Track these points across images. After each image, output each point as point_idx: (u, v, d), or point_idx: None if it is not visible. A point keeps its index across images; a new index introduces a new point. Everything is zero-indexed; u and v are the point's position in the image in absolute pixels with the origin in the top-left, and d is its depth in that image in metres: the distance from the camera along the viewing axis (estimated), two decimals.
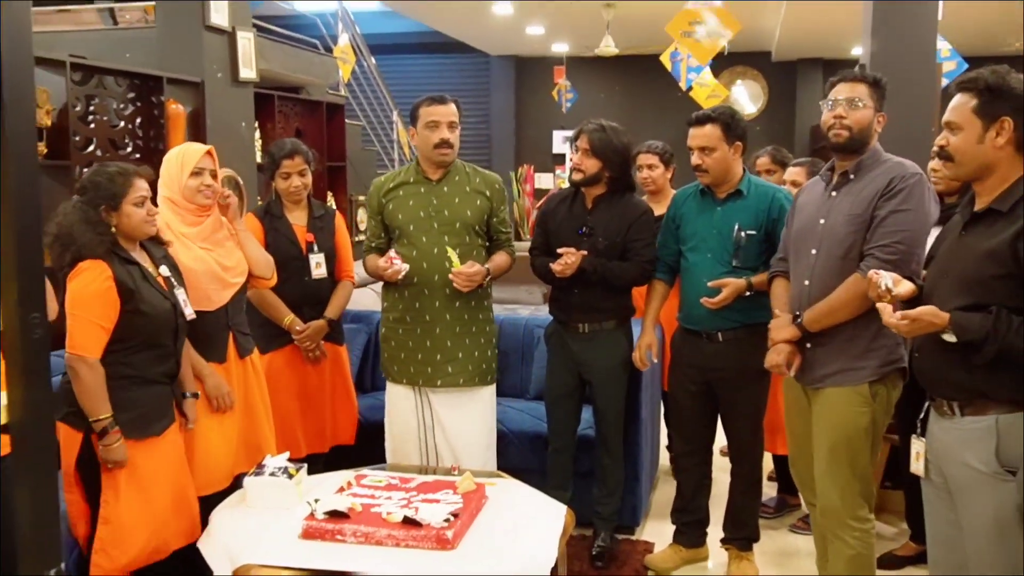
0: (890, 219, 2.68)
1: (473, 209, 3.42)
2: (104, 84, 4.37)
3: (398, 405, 3.52)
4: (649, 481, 4.26)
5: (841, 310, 2.76)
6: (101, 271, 2.68)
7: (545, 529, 2.72)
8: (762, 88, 12.95)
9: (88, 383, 2.65)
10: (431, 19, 10.70)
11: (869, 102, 2.77)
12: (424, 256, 3.36)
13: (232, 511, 2.86)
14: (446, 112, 3.37)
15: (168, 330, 2.82)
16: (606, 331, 3.54)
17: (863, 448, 2.77)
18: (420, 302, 3.39)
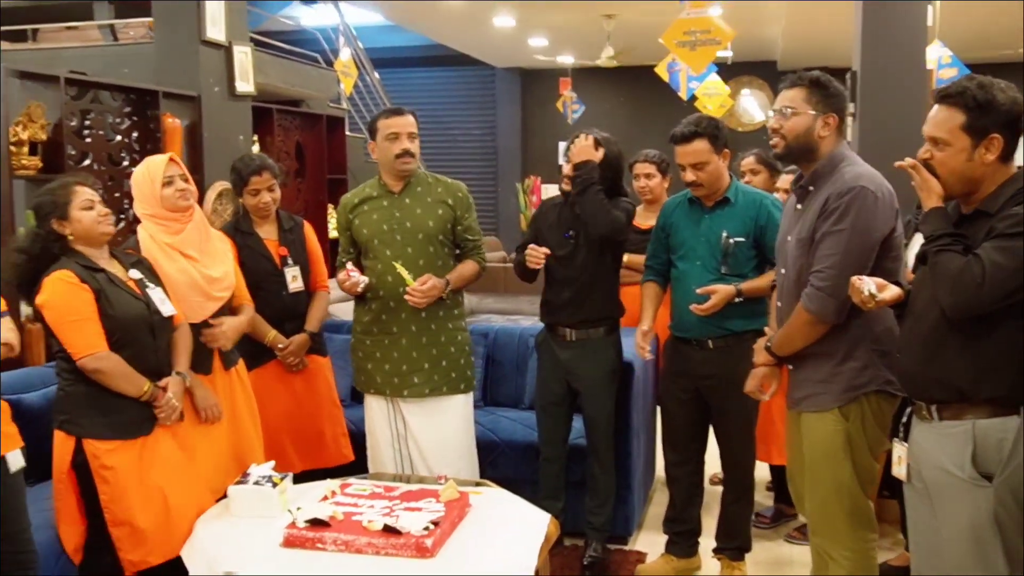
0: (824, 242, 2.59)
1: (435, 219, 3.42)
2: (100, 99, 4.41)
3: (372, 415, 3.53)
4: (643, 491, 4.24)
5: (795, 337, 2.71)
6: (63, 275, 2.74)
7: (526, 538, 2.70)
8: (768, 97, 12.92)
9: (114, 372, 2.74)
10: (434, 32, 10.75)
11: (805, 107, 2.65)
12: (388, 269, 3.36)
13: (216, 520, 2.87)
14: (405, 123, 3.37)
15: (142, 328, 2.85)
16: (594, 340, 3.53)
17: (842, 466, 2.67)
18: (386, 314, 3.40)
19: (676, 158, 3.35)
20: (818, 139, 2.66)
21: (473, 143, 13.80)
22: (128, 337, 2.80)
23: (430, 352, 3.42)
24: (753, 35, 9.93)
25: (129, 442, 2.79)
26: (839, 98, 2.69)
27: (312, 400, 3.72)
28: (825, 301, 2.57)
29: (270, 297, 3.53)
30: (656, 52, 7.83)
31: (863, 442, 2.67)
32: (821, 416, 2.68)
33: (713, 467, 3.72)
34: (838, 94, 2.69)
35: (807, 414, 2.72)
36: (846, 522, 2.72)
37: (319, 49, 8.46)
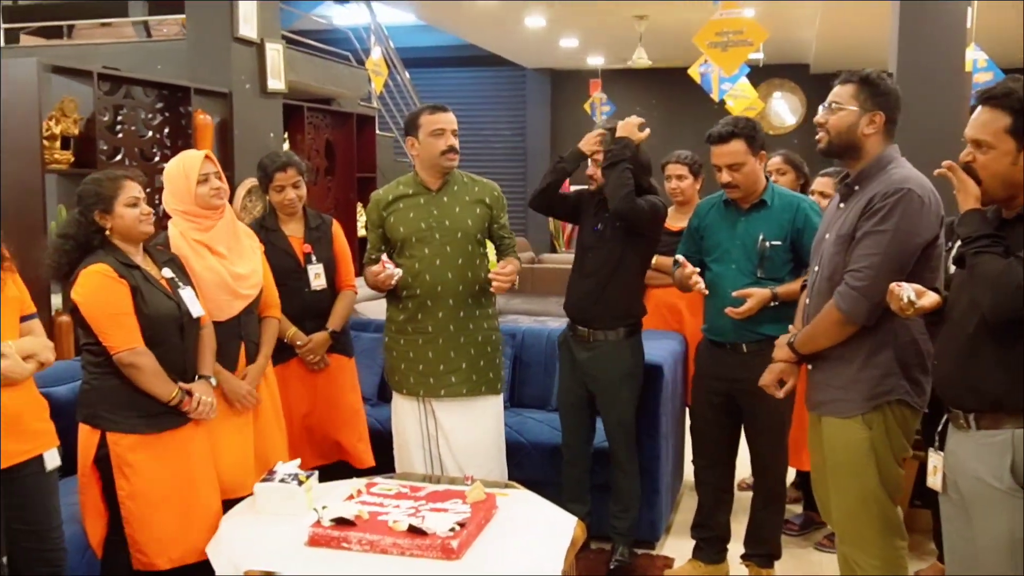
0: (864, 241, 2.54)
1: (474, 218, 3.40)
2: (132, 94, 4.43)
3: (401, 415, 3.50)
4: (671, 496, 4.19)
5: (820, 336, 2.67)
6: (101, 268, 2.73)
7: (553, 541, 2.67)
8: (800, 100, 12.80)
9: (149, 369, 2.74)
10: (465, 32, 10.74)
11: (851, 103, 2.62)
12: (426, 268, 3.34)
13: (241, 517, 2.86)
14: (450, 120, 3.36)
15: (173, 328, 2.85)
16: (612, 342, 3.50)
17: (868, 473, 2.62)
18: (423, 313, 3.37)
19: (712, 158, 3.30)
20: (862, 136, 2.62)
21: (503, 144, 13.78)
22: (159, 336, 2.80)
23: (467, 352, 3.40)
24: (786, 37, 9.83)
25: (153, 437, 2.79)
26: (888, 97, 2.63)
27: (332, 403, 3.70)
28: (858, 302, 2.53)
29: (291, 294, 3.50)
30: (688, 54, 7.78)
31: (887, 451, 2.62)
32: (843, 423, 2.64)
33: (742, 472, 3.67)
34: (888, 93, 2.64)
35: (828, 418, 2.68)
36: (874, 530, 2.66)
37: (351, 48, 8.48)
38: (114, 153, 4.32)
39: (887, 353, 2.58)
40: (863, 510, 2.65)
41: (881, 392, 2.59)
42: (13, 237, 3.74)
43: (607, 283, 3.47)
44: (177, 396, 2.80)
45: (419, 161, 3.41)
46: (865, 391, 2.60)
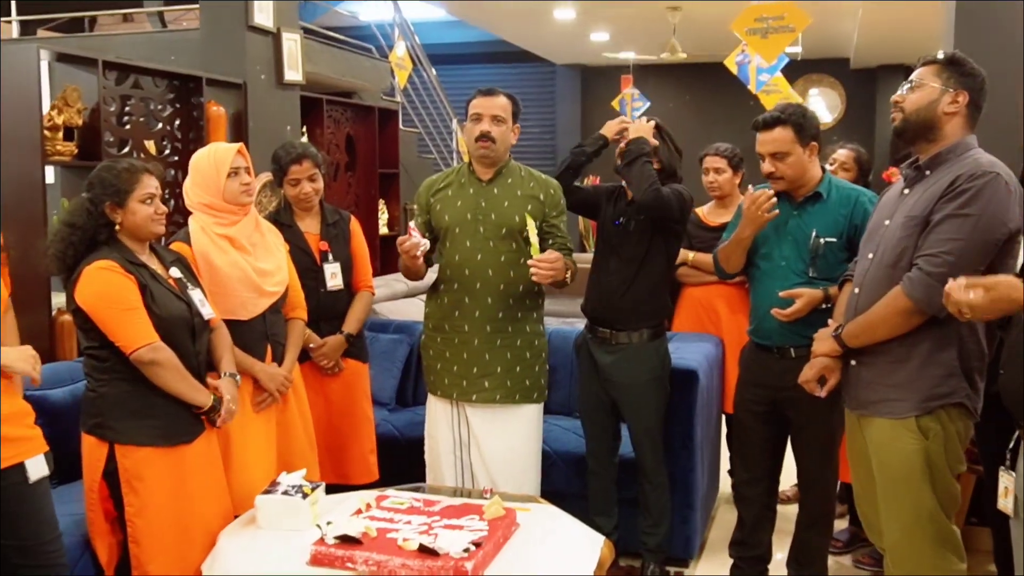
0: (944, 225, 2.32)
1: (522, 214, 3.15)
2: (140, 84, 4.26)
3: (435, 418, 3.29)
4: (706, 510, 3.94)
5: (880, 327, 2.44)
6: (107, 264, 2.55)
7: (578, 562, 2.45)
8: (839, 96, 12.47)
9: (171, 365, 2.58)
10: (494, 26, 10.57)
11: (934, 81, 2.41)
12: (467, 261, 3.12)
13: (241, 532, 2.66)
14: (490, 104, 3.14)
15: (183, 330, 2.67)
16: (636, 345, 3.27)
17: (923, 486, 2.40)
18: (460, 310, 3.15)
19: (756, 146, 3.05)
20: (941, 116, 2.41)
21: (532, 141, 13.59)
22: (170, 338, 2.61)
23: (504, 356, 3.17)
24: (825, 30, 9.52)
25: (166, 451, 2.60)
26: (974, 79, 2.42)
27: (344, 410, 3.51)
28: (933, 289, 2.27)
29: (306, 294, 3.29)
30: (723, 46, 7.53)
31: (944, 463, 2.40)
32: (894, 429, 2.41)
33: (783, 482, 3.40)
34: (973, 74, 2.43)
35: (878, 421, 2.46)
36: (930, 550, 2.44)
37: (377, 44, 8.32)
38: (121, 145, 4.16)
39: (951, 351, 2.37)
40: (918, 528, 2.43)
41: (941, 394, 2.38)
42: (12, 230, 3.61)
43: (632, 281, 3.25)
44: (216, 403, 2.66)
45: (468, 149, 3.24)
46: (923, 391, 2.39)
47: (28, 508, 2.36)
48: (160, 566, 2.59)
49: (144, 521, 2.57)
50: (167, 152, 4.42)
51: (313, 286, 3.37)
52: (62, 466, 2.75)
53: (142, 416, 2.58)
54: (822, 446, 3.09)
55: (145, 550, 2.58)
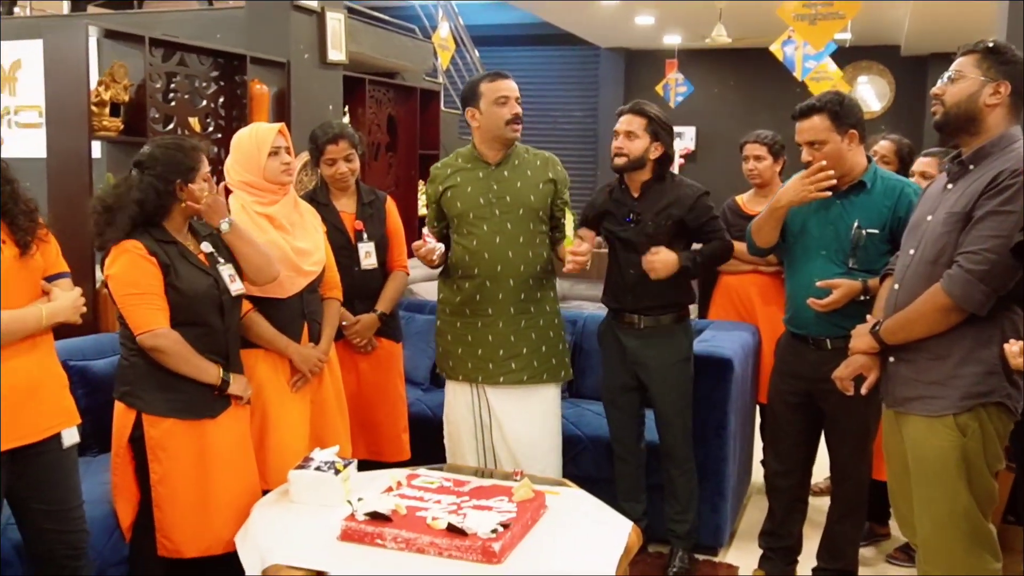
0: (986, 221, 2.26)
1: (537, 194, 3.19)
2: (186, 62, 4.31)
3: (454, 403, 3.31)
4: (737, 500, 3.92)
5: (918, 323, 2.39)
6: (131, 245, 2.58)
7: (605, 547, 2.45)
8: (889, 84, 12.21)
9: (174, 352, 2.60)
10: (538, 9, 10.50)
11: (973, 72, 2.35)
12: (485, 245, 3.13)
13: (274, 506, 2.70)
14: (512, 87, 3.16)
15: (210, 307, 2.70)
16: (664, 326, 3.26)
17: (959, 484, 2.36)
18: (481, 294, 3.17)
19: (795, 135, 3.01)
20: (983, 108, 2.35)
21: (573, 125, 13.51)
22: (195, 315, 2.66)
23: (529, 336, 3.20)
24: (876, 16, 9.33)
25: (189, 423, 2.65)
26: (1016, 67, 2.35)
27: (376, 388, 3.53)
28: (973, 287, 2.24)
29: (340, 272, 3.32)
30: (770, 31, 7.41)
31: (981, 461, 2.36)
32: (931, 425, 2.37)
33: (816, 474, 3.37)
34: (1015, 62, 2.36)
35: (915, 418, 2.42)
36: (964, 548, 2.40)
37: (420, 25, 8.32)
38: (166, 122, 4.21)
39: (992, 349, 2.31)
40: (952, 526, 2.39)
41: (980, 392, 2.33)
42: (59, 203, 3.68)
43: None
44: (223, 384, 2.68)
45: (480, 133, 3.20)
46: (962, 389, 2.34)
47: (59, 475, 2.43)
48: (181, 533, 2.64)
49: (167, 489, 2.63)
50: (211, 129, 4.47)
51: (347, 265, 3.39)
52: (103, 436, 2.82)
53: (167, 389, 2.63)
54: (856, 439, 3.06)
55: (167, 516, 2.64)
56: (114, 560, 2.80)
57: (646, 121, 3.22)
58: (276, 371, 2.98)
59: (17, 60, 5.15)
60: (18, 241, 2.32)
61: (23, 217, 2.33)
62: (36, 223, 2.38)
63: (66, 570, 2.46)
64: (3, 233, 2.31)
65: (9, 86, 5.15)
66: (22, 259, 2.32)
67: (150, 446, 2.62)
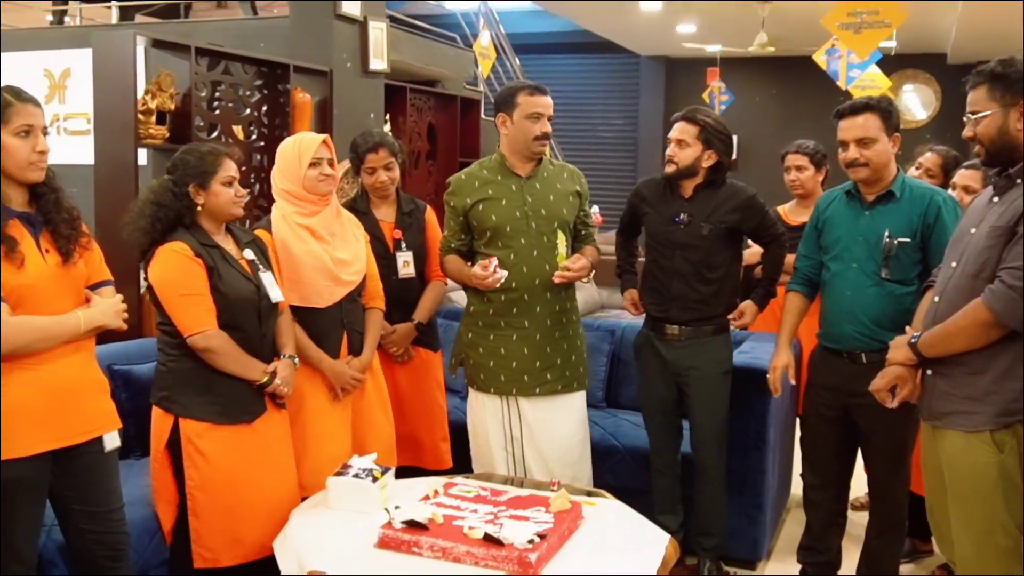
0: None
1: (568, 207, 3.20)
2: (231, 71, 4.37)
3: (482, 415, 3.29)
4: (776, 512, 3.88)
5: (958, 338, 2.33)
6: (177, 247, 2.63)
7: (642, 559, 2.43)
8: (934, 93, 12.06)
9: (225, 351, 2.64)
10: (580, 17, 10.51)
11: (989, 105, 2.31)
12: (523, 258, 3.12)
13: (312, 512, 2.72)
14: (549, 104, 3.15)
15: (250, 312, 2.73)
16: (706, 338, 3.24)
17: (997, 500, 2.29)
18: (518, 307, 3.16)
19: (839, 134, 2.97)
20: (1015, 134, 2.31)
21: (613, 133, 13.50)
22: (235, 319, 2.69)
23: (562, 346, 3.20)
24: (922, 24, 9.20)
25: (227, 427, 2.68)
26: None
27: (414, 398, 3.54)
28: (1014, 303, 2.19)
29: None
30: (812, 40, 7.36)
31: (1019, 477, 2.29)
32: (968, 440, 2.32)
33: (856, 489, 3.32)
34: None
35: (952, 433, 2.37)
36: (1003, 565, 2.34)
37: (461, 33, 8.36)
38: (210, 129, 4.27)
39: None
40: (989, 543, 2.33)
41: (1018, 408, 2.27)
42: (105, 210, 3.75)
43: (701, 278, 3.21)
44: (266, 377, 2.71)
45: (507, 140, 3.19)
46: (1000, 405, 2.28)
47: (99, 477, 2.46)
48: (216, 539, 2.66)
49: (202, 494, 2.65)
50: (254, 137, 4.52)
51: (385, 274, 3.39)
52: (146, 439, 2.86)
53: (204, 393, 2.66)
54: (893, 455, 3.01)
55: (204, 523, 2.66)
56: (155, 562, 2.84)
57: (698, 129, 3.18)
58: (315, 378, 3.01)
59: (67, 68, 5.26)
60: (60, 249, 2.35)
61: (65, 225, 2.36)
62: (78, 231, 2.42)
63: (106, 571, 2.50)
64: (46, 241, 2.34)
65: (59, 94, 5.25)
66: (64, 267, 2.36)
67: (187, 451, 2.65)
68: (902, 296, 2.90)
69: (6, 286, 2.21)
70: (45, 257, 2.32)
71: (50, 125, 3.83)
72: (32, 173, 2.29)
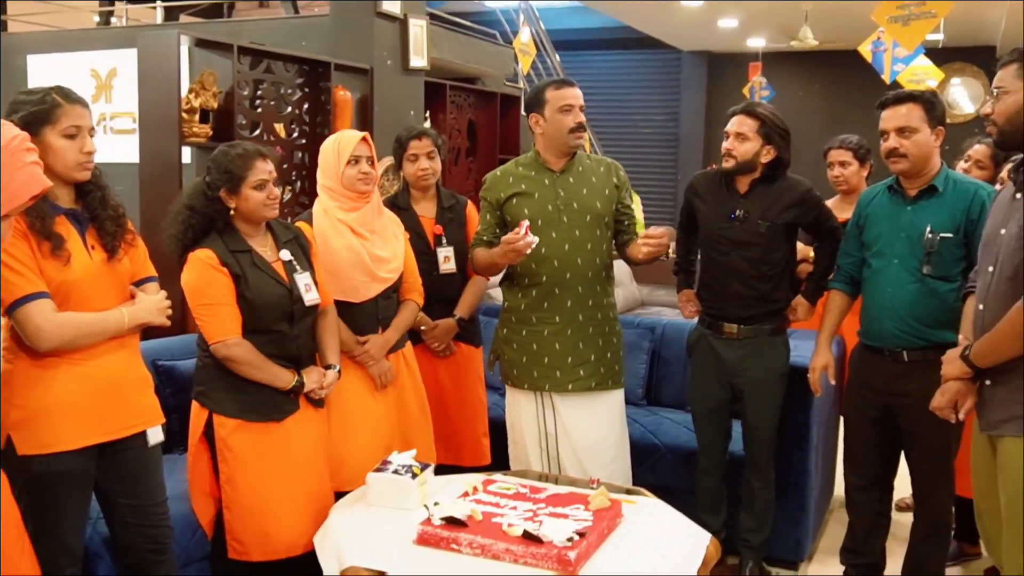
0: None
1: (603, 200, 3.17)
2: (272, 69, 4.40)
3: (518, 411, 3.28)
4: (819, 513, 3.83)
5: (1004, 344, 2.27)
6: (204, 255, 2.65)
7: (682, 559, 2.41)
8: (983, 86, 11.80)
9: (246, 360, 2.66)
10: (620, 12, 10.45)
11: (1015, 83, 2.26)
12: (555, 253, 3.11)
13: (352, 508, 2.73)
14: (577, 95, 3.13)
15: (280, 316, 2.74)
16: (765, 339, 3.18)
17: None
18: (549, 301, 3.15)
19: (880, 124, 2.93)
20: None
21: (654, 129, 13.41)
22: (264, 324, 2.70)
23: (595, 342, 3.17)
24: (970, 16, 9.02)
25: (256, 425, 2.70)
26: None
27: (456, 393, 3.54)
28: None
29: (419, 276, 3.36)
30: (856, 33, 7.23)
31: None
32: (1020, 446, 2.26)
33: (900, 490, 3.26)
34: None
35: (1008, 440, 2.30)
36: None
37: (501, 30, 8.35)
38: (252, 128, 4.31)
39: None
40: None
41: None
42: (150, 207, 3.79)
43: (758, 275, 3.15)
44: (298, 384, 2.73)
45: (543, 139, 3.18)
46: None
47: (143, 471, 2.50)
48: (246, 534, 2.69)
49: (233, 489, 2.68)
50: (295, 135, 4.55)
51: (426, 269, 3.40)
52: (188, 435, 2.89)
53: (235, 390, 2.69)
54: (936, 457, 2.95)
55: (236, 517, 2.69)
56: (197, 556, 2.87)
57: (758, 123, 3.13)
58: (355, 374, 3.02)
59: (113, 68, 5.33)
60: (106, 245, 2.38)
61: (111, 222, 2.39)
62: (124, 228, 2.45)
63: (150, 564, 2.53)
64: (92, 238, 2.38)
65: (106, 93, 5.32)
66: (110, 263, 2.39)
67: (218, 446, 2.69)
68: (944, 293, 2.85)
69: (53, 282, 2.25)
70: (91, 254, 2.35)
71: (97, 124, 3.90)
72: (79, 173, 2.32)
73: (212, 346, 2.64)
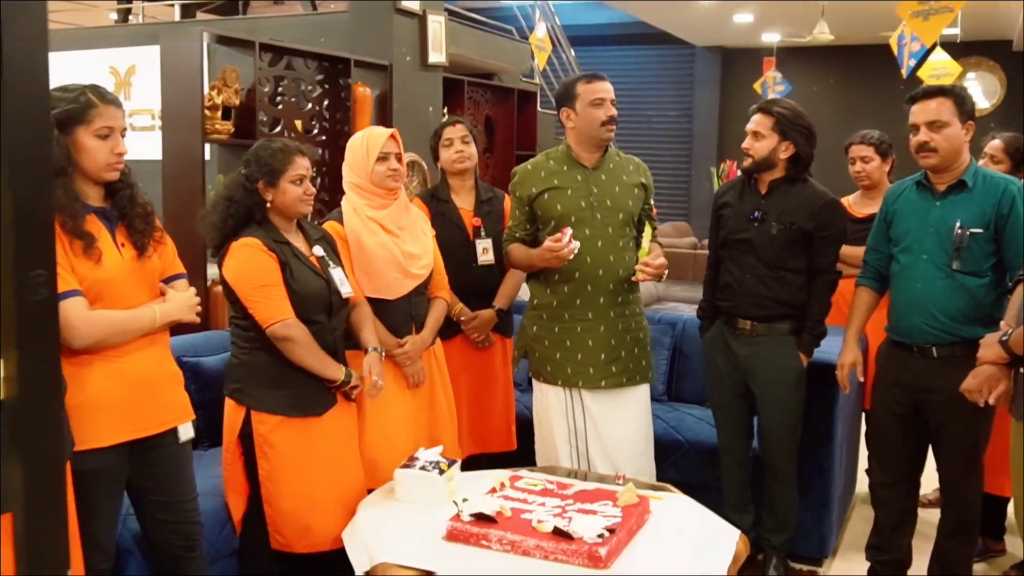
0: None
1: (634, 199, 3.17)
2: (292, 66, 4.41)
3: (547, 408, 3.27)
4: (842, 509, 3.81)
5: None
6: (250, 241, 2.66)
7: (713, 555, 2.41)
8: (999, 81, 11.73)
9: (305, 342, 2.66)
10: (635, 8, 10.42)
11: None
12: (588, 250, 3.09)
13: (380, 504, 2.74)
14: (608, 88, 3.13)
15: (320, 307, 2.75)
16: (778, 334, 3.17)
17: None
18: (582, 298, 3.14)
19: (910, 118, 2.91)
20: None
21: (668, 124, 13.38)
22: (306, 314, 2.71)
23: (626, 339, 3.18)
24: (987, 11, 8.96)
25: (297, 420, 2.71)
26: None
27: (490, 380, 3.57)
28: None
29: (458, 268, 3.38)
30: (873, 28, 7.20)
31: None
32: None
33: (925, 486, 3.25)
34: None
35: None
36: None
37: (517, 26, 8.35)
38: (274, 124, 4.32)
39: None
40: None
41: None
42: (173, 204, 3.81)
43: (775, 276, 3.14)
44: (347, 378, 2.74)
45: (574, 134, 3.17)
46: None
47: (174, 468, 2.51)
48: (288, 528, 2.71)
49: (274, 485, 2.70)
50: (315, 131, 4.56)
51: (465, 261, 3.43)
52: (214, 430, 2.90)
53: (276, 386, 2.69)
54: (965, 453, 2.93)
55: (276, 511, 2.71)
56: (226, 552, 2.88)
57: (773, 120, 3.13)
58: (389, 373, 3.02)
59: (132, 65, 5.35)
60: (135, 243, 2.38)
61: (140, 220, 2.40)
62: (153, 225, 2.45)
63: (181, 560, 2.54)
64: (122, 235, 2.38)
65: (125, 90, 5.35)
66: (139, 261, 2.39)
67: (258, 443, 2.69)
68: (974, 288, 2.83)
69: (84, 280, 2.25)
70: (121, 252, 2.36)
71: None
72: (108, 174, 2.33)
73: (269, 328, 2.63)
